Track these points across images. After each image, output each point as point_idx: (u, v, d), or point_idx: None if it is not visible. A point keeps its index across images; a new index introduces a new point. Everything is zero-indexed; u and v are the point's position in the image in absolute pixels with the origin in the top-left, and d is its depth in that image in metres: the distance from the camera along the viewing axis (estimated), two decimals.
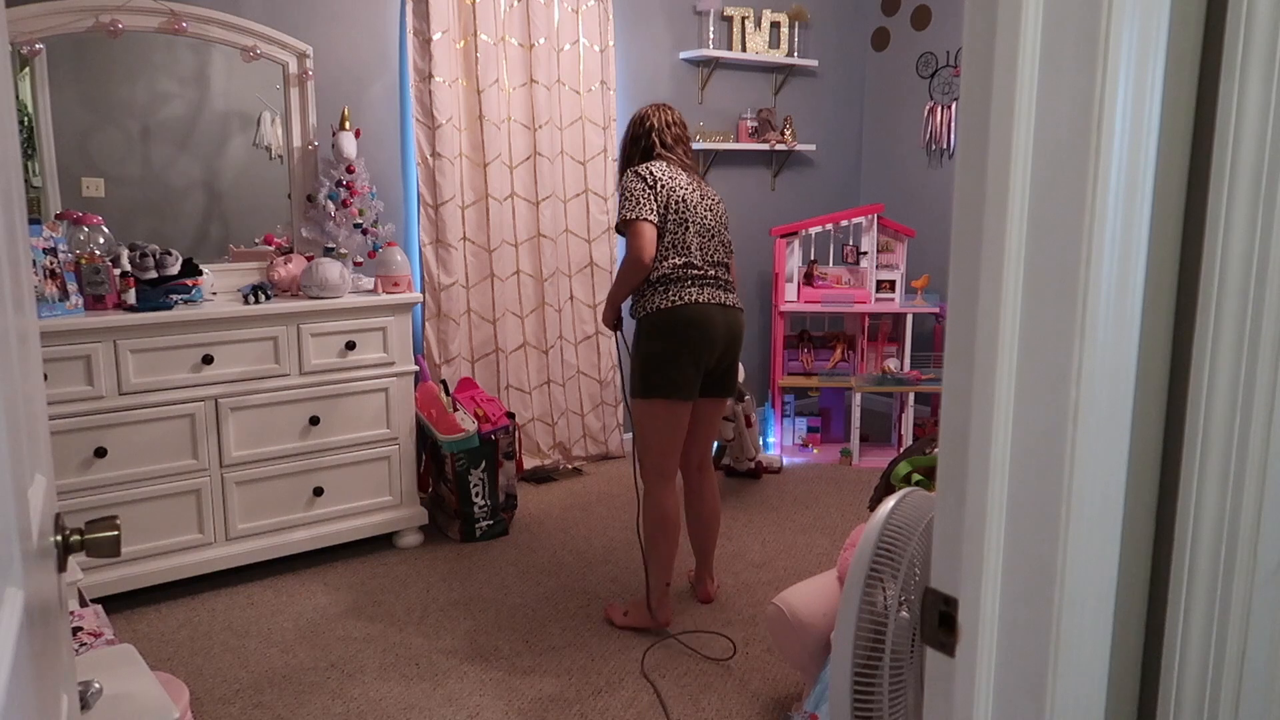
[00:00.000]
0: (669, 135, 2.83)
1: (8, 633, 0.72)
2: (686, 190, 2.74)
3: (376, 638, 2.81)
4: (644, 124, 2.84)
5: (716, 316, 2.70)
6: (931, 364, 4.68)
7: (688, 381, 2.69)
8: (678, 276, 2.69)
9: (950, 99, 4.88)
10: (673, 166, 2.78)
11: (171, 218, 3.36)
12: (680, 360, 2.67)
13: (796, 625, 2.13)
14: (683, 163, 2.82)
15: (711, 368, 2.75)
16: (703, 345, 2.68)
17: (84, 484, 2.83)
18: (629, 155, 2.87)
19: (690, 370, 2.68)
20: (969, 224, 0.77)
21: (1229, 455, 0.79)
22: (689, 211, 2.72)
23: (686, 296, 2.67)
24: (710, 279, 2.73)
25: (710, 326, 2.68)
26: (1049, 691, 0.77)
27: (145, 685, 1.51)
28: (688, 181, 2.76)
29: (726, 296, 2.75)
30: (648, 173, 2.72)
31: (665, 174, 2.73)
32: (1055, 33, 0.71)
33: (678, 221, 2.71)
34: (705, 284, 2.71)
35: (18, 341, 0.98)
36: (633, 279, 2.70)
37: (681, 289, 2.68)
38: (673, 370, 2.67)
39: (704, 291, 2.70)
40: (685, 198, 2.72)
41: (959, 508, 0.80)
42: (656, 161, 2.78)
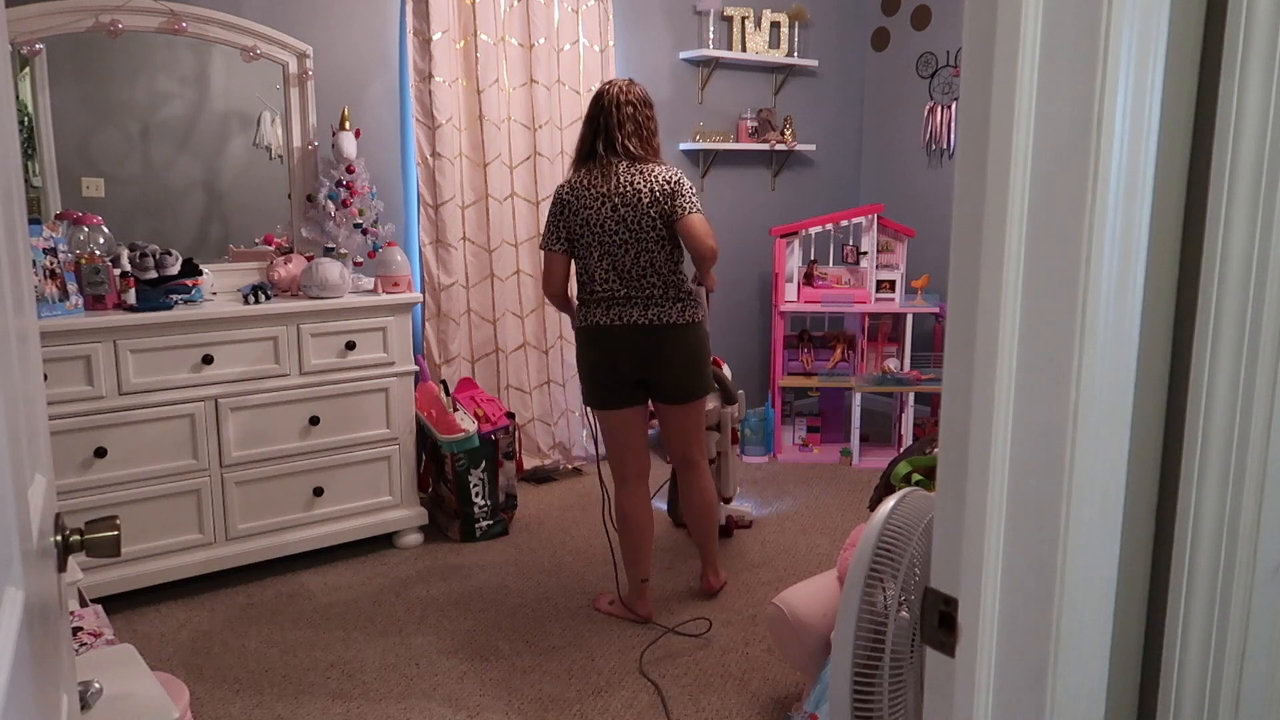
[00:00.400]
0: (615, 118, 2.75)
1: (8, 633, 0.72)
2: (594, 209, 2.71)
3: (376, 638, 2.81)
4: (598, 102, 2.79)
5: (620, 337, 2.75)
6: (931, 364, 4.67)
7: (609, 394, 2.82)
8: (586, 300, 2.82)
9: (950, 99, 4.88)
10: (595, 171, 2.74)
11: (171, 218, 3.35)
12: (594, 375, 2.83)
13: (796, 625, 2.13)
14: (617, 152, 2.73)
15: (644, 379, 2.80)
16: (611, 363, 2.78)
17: (84, 484, 2.83)
18: (581, 137, 2.82)
19: (604, 384, 2.81)
20: (969, 224, 0.77)
21: (1229, 455, 0.79)
22: (591, 234, 2.73)
23: (591, 319, 2.79)
24: (620, 299, 2.74)
25: (613, 347, 2.76)
26: (1049, 691, 0.77)
27: (145, 685, 1.51)
28: (600, 193, 2.71)
29: (643, 314, 2.73)
30: (559, 194, 2.78)
31: (575, 192, 2.74)
32: (1055, 33, 0.71)
33: (583, 247, 2.76)
34: (613, 304, 2.76)
35: (18, 341, 0.98)
36: (550, 300, 2.90)
37: (589, 310, 2.80)
38: (591, 383, 2.85)
39: (610, 312, 2.76)
40: (590, 219, 2.71)
41: (959, 508, 0.80)
42: (578, 172, 2.79)
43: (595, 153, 2.77)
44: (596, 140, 2.77)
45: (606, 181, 2.73)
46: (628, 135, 2.75)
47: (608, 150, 2.76)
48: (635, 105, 2.78)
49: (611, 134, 2.75)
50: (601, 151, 2.76)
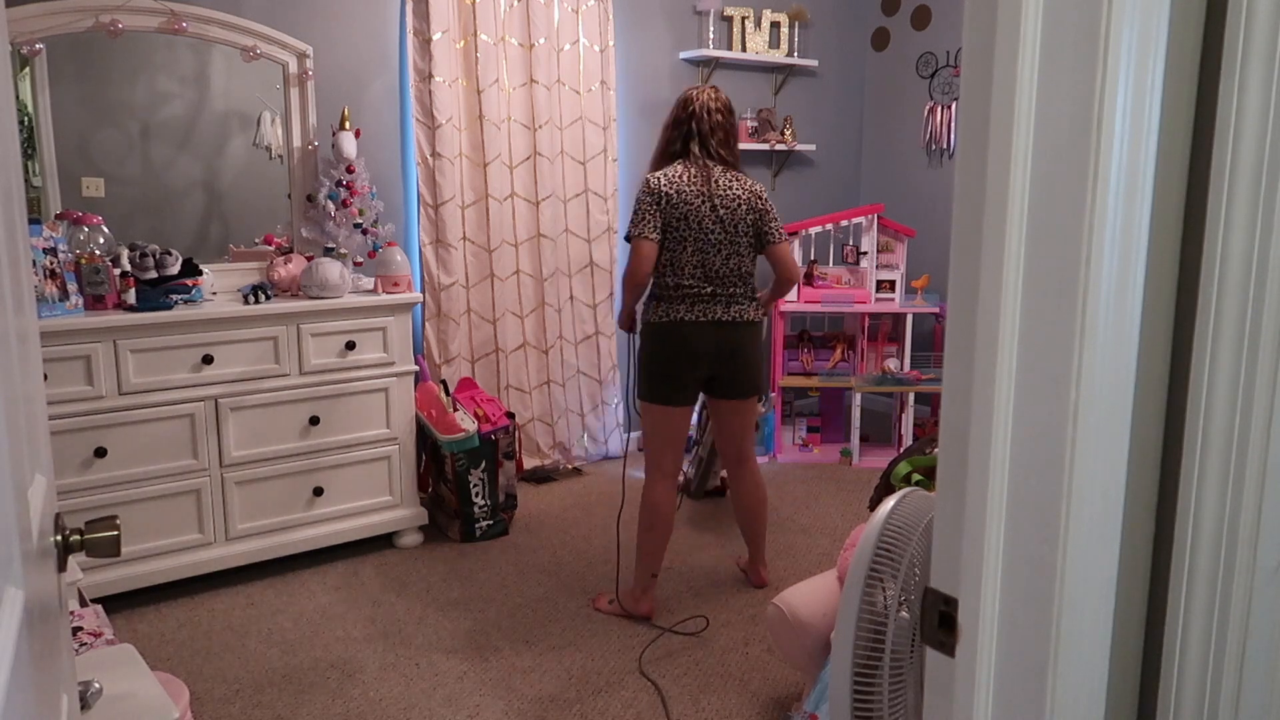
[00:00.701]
0: (707, 123, 2.82)
1: (8, 633, 0.72)
2: (694, 204, 2.75)
3: (376, 638, 2.81)
4: (687, 106, 2.84)
5: (704, 333, 2.78)
6: (931, 364, 4.68)
7: (675, 390, 2.82)
8: (668, 295, 2.80)
9: (950, 99, 4.88)
10: (691, 168, 2.79)
11: (171, 218, 3.36)
12: (667, 371, 2.81)
13: (796, 625, 2.13)
14: (712, 156, 2.81)
15: (711, 375, 2.85)
16: (687, 360, 2.79)
17: (84, 484, 2.83)
18: (668, 139, 2.88)
19: (676, 381, 2.81)
20: (969, 224, 0.77)
21: (1229, 455, 0.79)
22: (689, 228, 2.75)
23: (674, 314, 2.79)
24: (705, 296, 2.79)
25: (693, 343, 2.78)
26: (1049, 691, 0.77)
27: (145, 685, 1.51)
28: (700, 190, 2.76)
29: (725, 311, 2.80)
30: (657, 185, 2.77)
31: (675, 186, 2.76)
32: (1055, 33, 0.71)
33: (676, 239, 2.77)
34: (697, 301, 2.79)
35: (18, 341, 0.98)
36: (634, 292, 2.85)
37: (672, 306, 2.80)
38: (660, 379, 2.82)
39: (694, 309, 2.78)
40: (689, 214, 2.75)
41: (959, 508, 0.80)
42: (675, 166, 2.80)
43: (688, 152, 2.82)
44: (689, 142, 2.82)
45: (706, 182, 2.78)
46: (720, 142, 2.83)
47: (702, 153, 2.81)
48: (724, 113, 2.85)
49: (705, 139, 2.81)
50: (696, 153, 2.81)
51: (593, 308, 4.33)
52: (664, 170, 2.81)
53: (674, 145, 2.85)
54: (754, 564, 3.16)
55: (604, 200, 4.29)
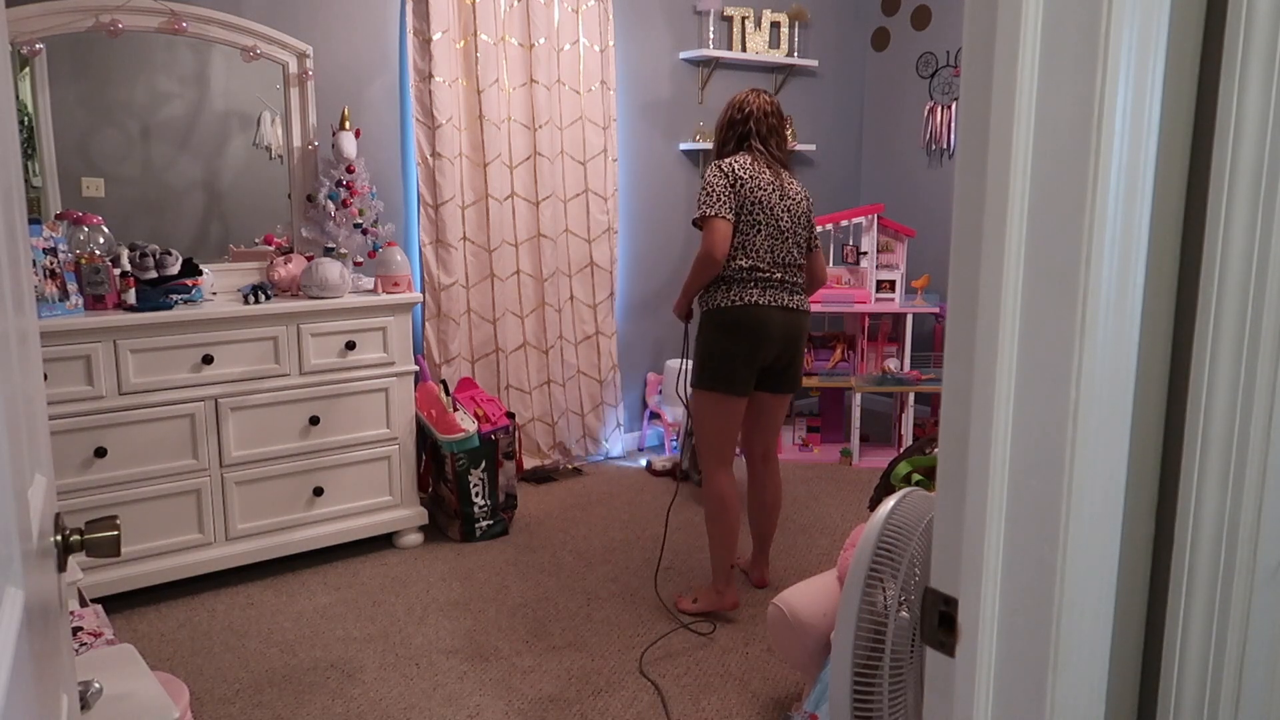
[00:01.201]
0: (765, 125, 2.85)
1: (8, 633, 0.72)
2: (766, 190, 2.78)
3: (376, 638, 2.81)
4: (743, 109, 2.87)
5: (775, 318, 2.79)
6: (931, 364, 4.68)
7: (741, 378, 2.80)
8: (741, 278, 2.79)
9: (950, 99, 4.88)
10: (758, 162, 2.81)
11: (171, 218, 3.36)
12: (735, 357, 2.79)
13: (796, 625, 2.13)
14: (772, 156, 2.85)
15: (769, 365, 2.85)
16: (758, 345, 2.78)
17: (84, 484, 2.83)
18: (724, 139, 2.90)
19: (744, 368, 2.79)
20: (969, 224, 0.77)
21: (1229, 455, 0.79)
22: (763, 213, 2.77)
23: (747, 298, 2.77)
24: (775, 281, 2.80)
25: (767, 328, 2.78)
26: (1049, 691, 0.77)
27: (145, 685, 1.51)
28: (770, 180, 2.80)
29: (790, 299, 2.83)
30: (730, 169, 2.77)
31: (748, 171, 2.78)
32: (1055, 33, 0.71)
33: (750, 223, 2.77)
34: (769, 286, 2.79)
35: (18, 341, 0.98)
36: (706, 273, 2.80)
37: (744, 290, 2.78)
38: (727, 366, 2.79)
39: (765, 293, 2.78)
40: (763, 199, 2.77)
41: (959, 508, 0.80)
42: (743, 155, 2.82)
43: (750, 146, 2.85)
44: (747, 140, 2.86)
45: (774, 175, 2.82)
46: (776, 144, 2.88)
47: (764, 141, 2.85)
48: (777, 117, 2.90)
49: (764, 140, 2.85)
50: (759, 148, 2.84)
51: (593, 308, 4.33)
52: (734, 158, 2.81)
53: (728, 145, 2.88)
54: (757, 564, 3.17)
55: (604, 200, 4.29)
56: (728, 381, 2.79)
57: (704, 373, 2.83)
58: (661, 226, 4.64)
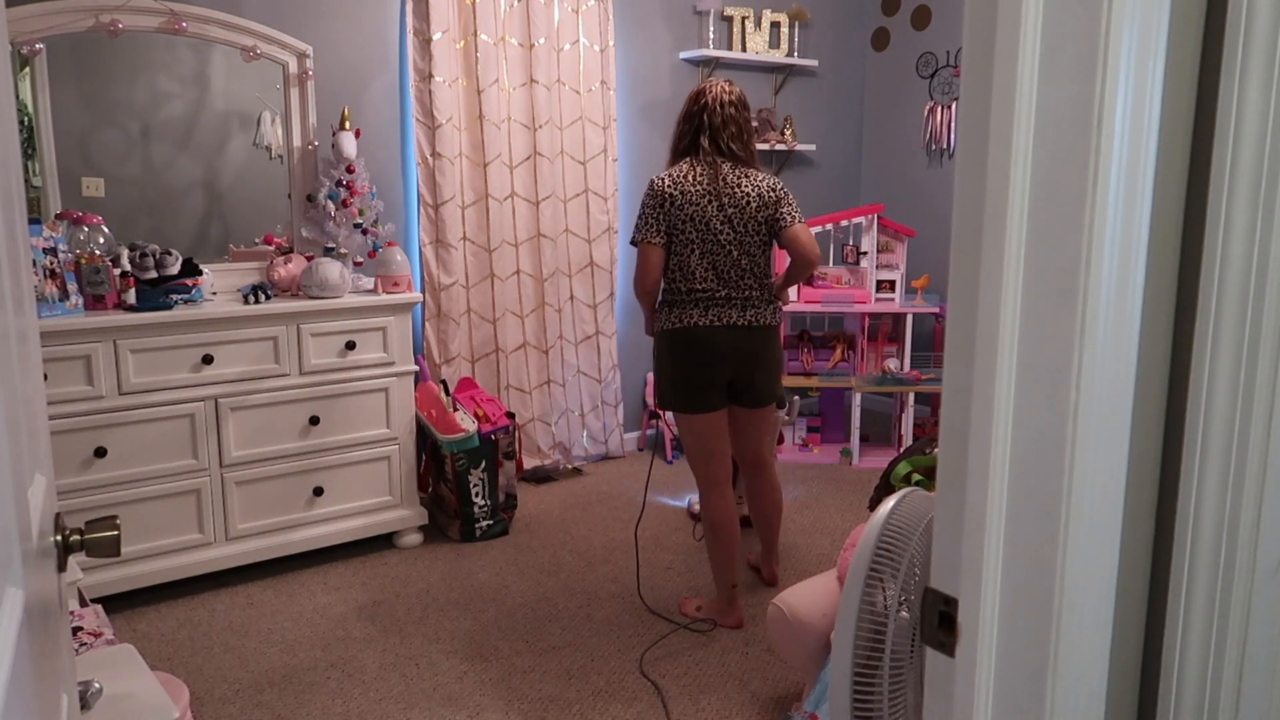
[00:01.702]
0: (719, 116, 2.73)
1: (8, 633, 0.72)
2: (700, 204, 2.67)
3: (376, 638, 2.81)
4: (699, 100, 2.77)
5: (719, 338, 2.71)
6: (931, 364, 4.68)
7: (698, 397, 2.75)
8: (680, 300, 2.74)
9: (950, 99, 4.88)
10: (698, 166, 2.71)
11: (171, 218, 3.36)
12: (686, 378, 2.74)
13: (796, 625, 2.13)
14: (723, 151, 2.73)
15: (731, 381, 2.78)
16: (706, 365, 2.72)
17: (84, 484, 2.83)
18: (679, 134, 2.81)
19: (698, 388, 2.74)
20: (969, 224, 0.77)
21: (1229, 455, 0.79)
22: (695, 230, 2.68)
23: (687, 319, 2.72)
24: (719, 299, 2.71)
25: (711, 348, 2.71)
26: (1049, 691, 0.77)
27: (145, 685, 1.51)
28: (706, 189, 2.68)
29: (741, 315, 2.72)
30: (660, 187, 2.71)
31: (679, 186, 2.69)
32: (1055, 33, 0.71)
33: (683, 243, 2.70)
34: (711, 305, 2.71)
35: (18, 341, 0.98)
36: (643, 299, 2.81)
37: (684, 311, 2.73)
38: (680, 387, 2.76)
39: (708, 313, 2.71)
40: (694, 214, 2.67)
41: (959, 508, 0.80)
42: (681, 165, 2.74)
43: (698, 149, 2.74)
44: (699, 137, 2.74)
45: (713, 180, 2.70)
46: (731, 136, 2.74)
47: (712, 149, 2.73)
48: (737, 107, 2.77)
49: (715, 134, 2.73)
50: (706, 148, 2.73)
51: (593, 308, 4.33)
52: (669, 170, 2.75)
53: (684, 140, 2.78)
54: (766, 561, 3.17)
55: (604, 200, 4.29)
56: (685, 401, 2.75)
57: (661, 394, 2.84)
58: None
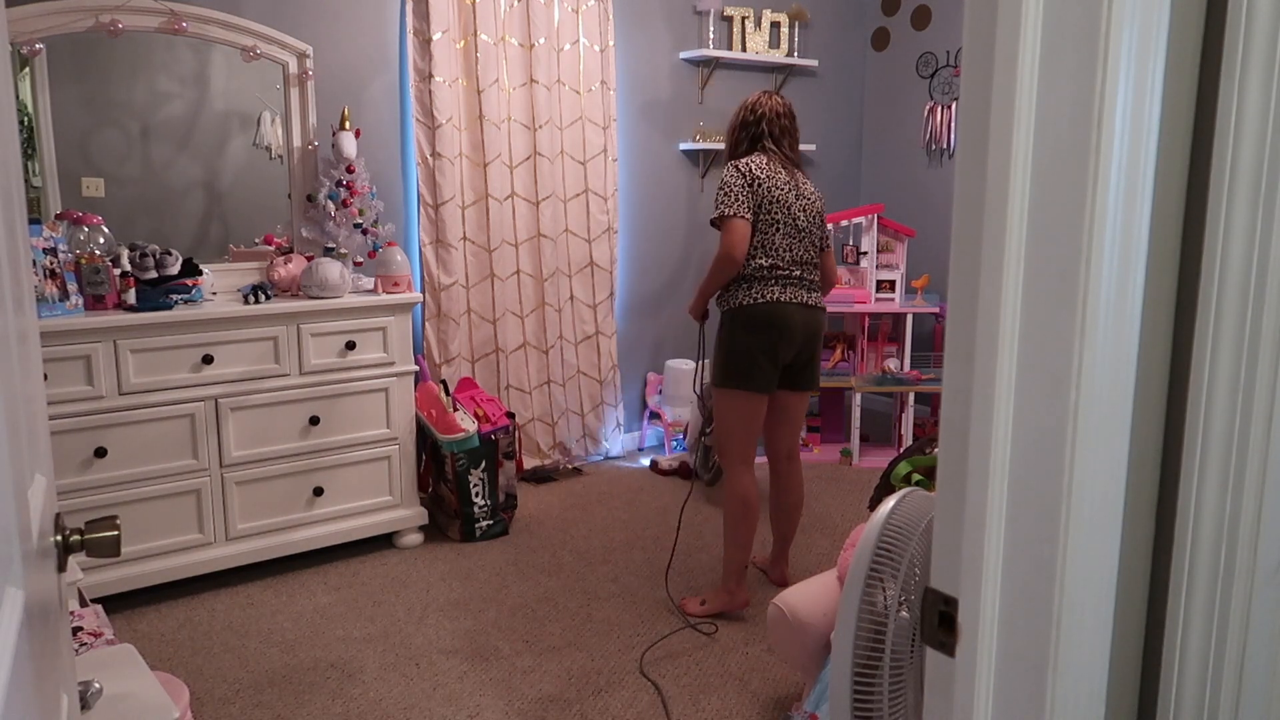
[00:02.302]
0: (777, 126, 2.87)
1: (8, 633, 0.72)
2: (784, 189, 2.79)
3: (376, 638, 2.81)
4: (755, 111, 2.89)
5: (796, 315, 2.81)
6: (931, 364, 4.68)
7: (764, 375, 2.81)
8: (762, 276, 2.80)
9: (950, 99, 4.88)
10: (773, 162, 2.83)
11: (171, 218, 3.36)
12: (758, 355, 2.79)
13: (796, 625, 2.13)
14: (785, 157, 2.87)
15: (790, 362, 2.86)
16: (780, 342, 2.80)
17: (84, 484, 2.83)
18: (737, 140, 2.92)
19: (767, 365, 2.80)
20: (969, 224, 0.77)
21: (1229, 455, 0.79)
22: (781, 212, 2.78)
23: (769, 295, 2.78)
24: (794, 279, 2.82)
25: (789, 324, 2.79)
26: (1049, 691, 0.77)
27: (145, 685, 1.51)
28: (786, 179, 2.81)
29: (809, 296, 2.85)
30: (747, 169, 2.78)
31: (764, 171, 2.79)
32: (1055, 33, 0.71)
33: (769, 222, 2.78)
34: (789, 283, 2.81)
35: (18, 341, 0.98)
36: (725, 274, 2.81)
37: (765, 288, 2.79)
38: (751, 364, 2.80)
39: (786, 290, 2.80)
40: (780, 198, 2.78)
41: (959, 508, 0.80)
42: (758, 156, 2.83)
43: (764, 147, 2.86)
44: (760, 142, 2.87)
45: (789, 174, 2.84)
46: (789, 145, 2.90)
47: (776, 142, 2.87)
48: (789, 118, 2.92)
49: (777, 141, 2.88)
50: (772, 149, 2.86)
51: (593, 308, 4.33)
52: (749, 158, 2.82)
53: (741, 146, 2.90)
54: (778, 562, 3.17)
55: (604, 200, 4.29)
56: (751, 379, 2.80)
57: (727, 370, 2.83)
58: (661, 226, 4.64)
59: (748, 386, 2.81)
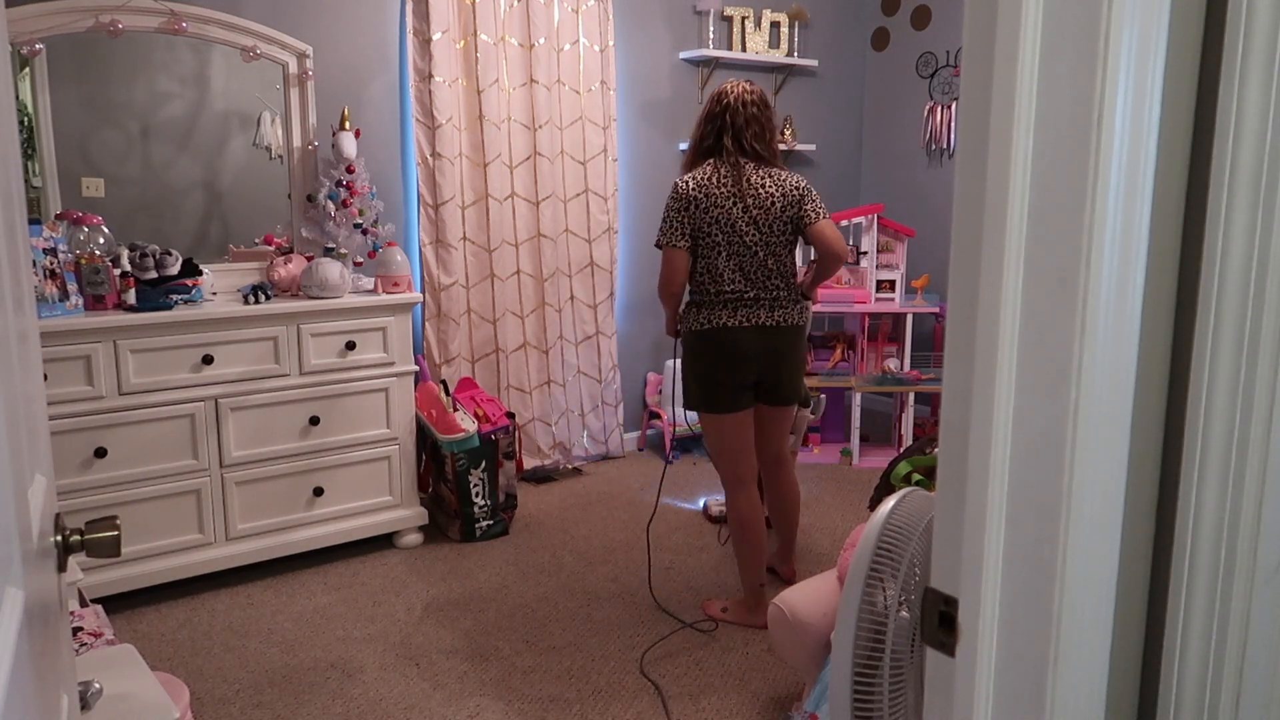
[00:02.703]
0: (742, 116, 2.72)
1: (8, 633, 0.72)
2: (725, 206, 2.67)
3: (376, 638, 2.81)
4: (721, 101, 2.74)
5: (748, 339, 2.71)
6: (931, 364, 4.68)
7: (725, 397, 2.75)
8: (709, 300, 2.73)
9: (950, 99, 4.88)
10: (722, 168, 2.70)
11: (171, 218, 3.36)
12: (713, 378, 2.74)
13: (796, 625, 2.13)
14: (746, 151, 2.72)
15: (757, 380, 2.79)
16: (733, 366, 2.73)
17: (84, 484, 2.83)
18: (702, 135, 2.78)
19: (726, 388, 2.74)
20: (969, 224, 0.77)
21: (1229, 455, 0.79)
22: (722, 233, 2.67)
23: (716, 320, 2.72)
24: (748, 300, 2.72)
25: (739, 349, 2.71)
26: (1049, 691, 0.77)
27: (145, 685, 1.51)
28: (730, 191, 2.67)
29: (769, 315, 2.73)
30: (684, 190, 2.69)
31: (703, 189, 2.68)
32: (1055, 33, 0.71)
33: (709, 245, 2.69)
34: (740, 306, 2.71)
35: (18, 341, 0.98)
36: (667, 301, 2.79)
37: (713, 312, 2.72)
38: (708, 387, 2.76)
39: (737, 314, 2.71)
40: (719, 217, 2.67)
41: (959, 508, 0.80)
42: (704, 167, 2.73)
43: (720, 150, 2.73)
44: (721, 138, 2.73)
45: (737, 181, 2.69)
46: (754, 136, 2.73)
47: (735, 149, 2.72)
48: (759, 106, 2.75)
49: (739, 133, 2.72)
50: (729, 148, 2.72)
51: (593, 308, 4.33)
52: (692, 173, 2.73)
53: (707, 140, 2.76)
54: (784, 558, 3.18)
55: (604, 200, 4.29)
56: (712, 402, 2.76)
57: (688, 394, 2.83)
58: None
59: (714, 409, 2.77)
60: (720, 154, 2.73)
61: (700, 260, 2.72)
